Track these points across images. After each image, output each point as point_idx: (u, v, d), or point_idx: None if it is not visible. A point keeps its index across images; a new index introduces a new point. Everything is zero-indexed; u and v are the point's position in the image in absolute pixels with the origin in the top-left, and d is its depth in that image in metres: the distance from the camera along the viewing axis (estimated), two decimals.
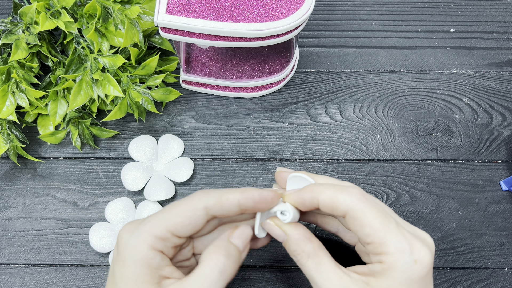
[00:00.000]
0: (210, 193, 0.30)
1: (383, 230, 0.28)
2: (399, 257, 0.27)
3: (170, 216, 0.29)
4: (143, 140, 0.45)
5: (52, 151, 0.46)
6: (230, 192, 0.30)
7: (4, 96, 0.41)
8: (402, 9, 0.52)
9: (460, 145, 0.46)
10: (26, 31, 0.41)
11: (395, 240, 0.28)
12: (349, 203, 0.29)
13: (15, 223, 0.43)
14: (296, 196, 0.31)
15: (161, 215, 0.29)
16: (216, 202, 0.29)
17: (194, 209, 0.29)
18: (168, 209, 0.30)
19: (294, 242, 0.30)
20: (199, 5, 0.36)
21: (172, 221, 0.29)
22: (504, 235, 0.43)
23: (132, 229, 0.29)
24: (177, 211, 0.29)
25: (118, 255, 0.29)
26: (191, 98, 0.48)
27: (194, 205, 0.29)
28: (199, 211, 0.29)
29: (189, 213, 0.29)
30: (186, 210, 0.29)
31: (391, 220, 0.29)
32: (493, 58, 0.50)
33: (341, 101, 0.48)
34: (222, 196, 0.29)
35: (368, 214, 0.28)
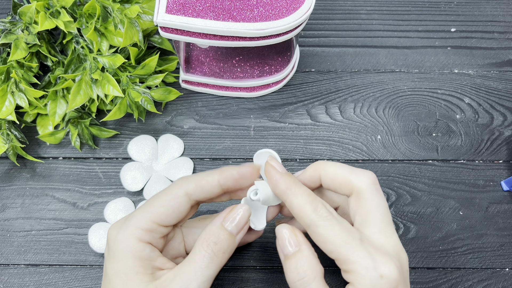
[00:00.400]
0: (190, 178, 0.30)
1: (345, 247, 0.27)
2: (364, 274, 0.27)
3: (153, 207, 0.30)
4: (142, 140, 0.45)
5: (51, 151, 0.46)
6: (209, 174, 0.30)
7: (4, 96, 0.41)
8: (403, 8, 0.52)
9: (461, 145, 0.46)
10: (26, 30, 0.41)
11: (358, 256, 0.27)
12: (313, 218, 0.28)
13: (14, 223, 0.43)
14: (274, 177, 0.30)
15: (145, 208, 0.30)
16: (196, 187, 0.30)
17: (175, 197, 0.30)
18: (151, 201, 0.30)
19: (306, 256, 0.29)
20: (199, 5, 0.36)
21: (156, 212, 0.29)
22: (505, 235, 0.43)
23: (119, 225, 0.30)
24: (159, 202, 0.30)
25: (109, 252, 0.30)
26: (191, 98, 0.48)
27: (175, 193, 0.30)
28: (180, 198, 0.30)
29: (171, 201, 0.30)
30: (168, 199, 0.30)
31: (355, 236, 0.28)
32: (494, 58, 0.50)
33: (341, 101, 0.48)
34: (201, 179, 0.30)
35: (331, 232, 0.28)
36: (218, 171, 0.31)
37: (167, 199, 0.30)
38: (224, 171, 0.31)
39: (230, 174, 0.30)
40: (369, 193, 0.30)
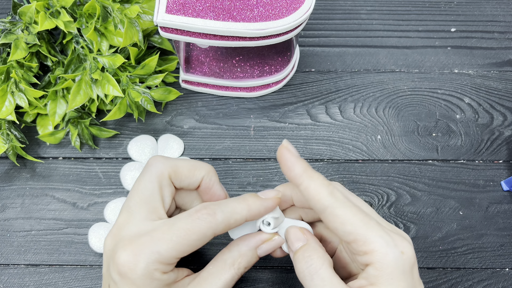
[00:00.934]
0: (217, 214, 0.29)
1: (364, 227, 0.27)
2: (387, 251, 0.27)
3: (180, 245, 0.28)
4: (142, 140, 0.45)
5: (51, 151, 0.46)
6: (237, 209, 0.29)
7: (3, 96, 0.41)
8: (403, 8, 0.52)
9: (461, 145, 0.46)
10: (26, 30, 0.41)
11: (378, 235, 0.27)
12: (330, 200, 0.28)
13: (14, 223, 0.43)
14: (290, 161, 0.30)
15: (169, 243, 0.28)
16: (224, 227, 0.29)
17: (204, 236, 0.28)
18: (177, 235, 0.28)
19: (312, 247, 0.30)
20: (199, 5, 0.36)
21: (183, 250, 0.28)
22: (505, 235, 0.43)
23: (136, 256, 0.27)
24: (187, 241, 0.28)
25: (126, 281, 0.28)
26: (191, 98, 0.48)
27: (204, 234, 0.28)
28: (208, 238, 0.29)
29: (199, 241, 0.28)
30: (196, 239, 0.28)
31: (372, 217, 0.28)
32: (494, 58, 0.50)
33: (341, 101, 0.48)
34: (230, 217, 0.29)
35: (349, 213, 0.28)
36: (246, 206, 0.30)
37: (195, 238, 0.28)
38: (252, 205, 0.30)
39: (257, 210, 0.30)
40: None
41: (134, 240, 0.28)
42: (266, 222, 0.31)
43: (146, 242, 0.28)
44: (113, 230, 0.30)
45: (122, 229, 0.29)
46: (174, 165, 0.31)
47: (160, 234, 0.28)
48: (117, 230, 0.30)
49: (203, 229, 0.28)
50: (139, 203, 0.30)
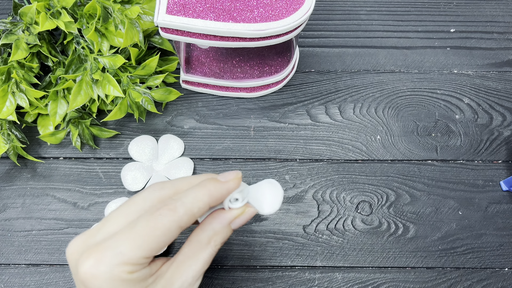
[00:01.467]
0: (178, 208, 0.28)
1: None
2: None
3: (145, 243, 0.27)
4: (143, 140, 0.45)
5: (52, 151, 0.46)
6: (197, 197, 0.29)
7: (4, 96, 0.41)
8: (402, 9, 0.52)
9: (460, 145, 0.46)
10: (26, 31, 0.41)
11: None
12: None
13: (15, 223, 0.43)
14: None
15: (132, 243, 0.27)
16: (188, 218, 0.28)
17: (168, 232, 0.28)
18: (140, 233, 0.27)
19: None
20: (199, 5, 0.36)
21: (148, 248, 0.27)
22: (504, 235, 0.43)
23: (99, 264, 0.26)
24: (152, 237, 0.27)
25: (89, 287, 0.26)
26: (191, 98, 0.48)
27: (168, 228, 0.27)
28: (173, 232, 0.28)
29: (164, 237, 0.27)
30: (160, 234, 0.27)
31: None
32: (493, 58, 0.50)
33: (341, 101, 0.48)
34: (192, 207, 0.28)
35: None
36: (207, 191, 0.29)
37: (159, 234, 0.27)
38: (212, 190, 0.29)
39: (219, 194, 0.30)
40: None
41: (97, 246, 0.27)
42: (233, 199, 0.31)
43: (107, 246, 0.27)
44: (82, 236, 0.29)
45: (90, 237, 0.28)
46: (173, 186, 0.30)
47: (122, 235, 0.27)
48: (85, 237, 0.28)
49: (166, 225, 0.27)
50: (120, 214, 0.29)
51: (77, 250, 0.28)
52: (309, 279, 0.42)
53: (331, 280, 0.42)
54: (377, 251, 0.43)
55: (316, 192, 0.44)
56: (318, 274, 0.42)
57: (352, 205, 0.44)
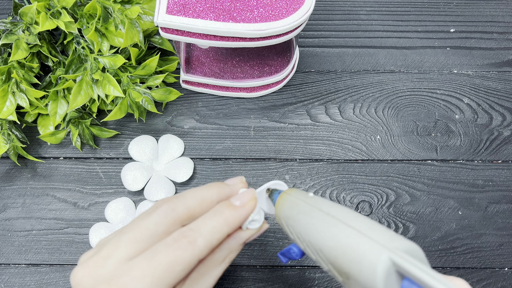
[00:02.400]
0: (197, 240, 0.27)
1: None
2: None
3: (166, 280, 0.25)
4: (143, 140, 0.45)
5: (52, 151, 0.46)
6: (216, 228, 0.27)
7: (4, 96, 0.41)
8: (402, 9, 0.52)
9: (460, 145, 0.46)
10: (26, 31, 0.41)
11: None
12: None
13: (15, 223, 0.43)
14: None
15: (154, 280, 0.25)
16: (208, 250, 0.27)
17: (189, 266, 0.26)
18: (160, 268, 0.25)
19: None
20: (199, 5, 0.36)
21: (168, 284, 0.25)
22: (504, 235, 0.43)
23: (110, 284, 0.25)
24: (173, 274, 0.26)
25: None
26: (191, 98, 0.48)
27: (189, 263, 0.26)
28: (193, 265, 0.27)
29: (185, 271, 0.26)
30: (181, 270, 0.26)
31: None
32: (493, 58, 0.50)
33: (341, 101, 0.48)
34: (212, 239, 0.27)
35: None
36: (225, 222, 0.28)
37: (180, 270, 0.26)
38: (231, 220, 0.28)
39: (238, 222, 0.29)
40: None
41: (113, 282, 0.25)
42: (252, 222, 0.31)
43: (126, 283, 0.25)
44: (90, 263, 0.26)
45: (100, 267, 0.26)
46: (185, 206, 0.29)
47: (140, 270, 0.25)
48: (94, 265, 0.26)
49: (187, 259, 0.26)
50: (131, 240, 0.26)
51: (87, 282, 0.26)
52: (309, 279, 0.42)
53: (331, 280, 0.42)
54: None
55: (316, 192, 0.44)
56: (318, 274, 0.42)
57: (352, 205, 0.44)
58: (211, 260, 0.29)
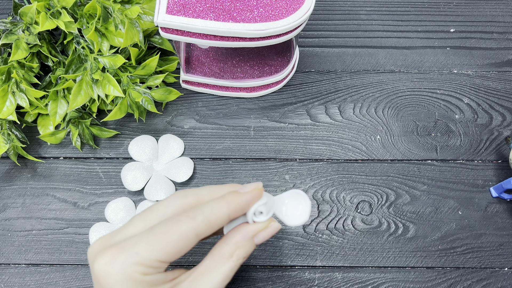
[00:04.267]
0: (198, 215, 0.28)
1: None
2: None
3: (160, 246, 0.27)
4: (143, 140, 0.45)
5: (52, 151, 0.46)
6: (217, 208, 0.29)
7: (4, 96, 0.41)
8: (402, 9, 0.52)
9: (460, 145, 0.46)
10: (26, 31, 0.41)
11: None
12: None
13: (15, 223, 0.43)
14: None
15: (149, 244, 0.27)
16: (206, 227, 0.28)
17: (185, 238, 0.28)
18: (156, 236, 0.27)
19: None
20: (199, 5, 0.36)
21: (164, 251, 0.27)
22: (504, 235, 0.43)
23: (114, 262, 0.27)
24: (167, 241, 0.27)
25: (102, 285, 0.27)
26: (191, 98, 0.48)
27: (185, 234, 0.28)
28: (190, 239, 0.28)
29: (181, 242, 0.28)
30: (177, 239, 0.27)
31: None
32: (493, 58, 0.50)
33: (341, 101, 0.48)
34: (210, 216, 0.28)
35: None
36: (225, 203, 0.29)
37: (175, 239, 0.27)
38: (231, 202, 0.29)
39: (238, 205, 0.29)
40: None
41: (114, 246, 0.28)
42: (258, 212, 0.30)
43: (124, 246, 0.27)
44: (104, 237, 0.29)
45: (111, 238, 0.29)
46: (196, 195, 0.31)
47: (139, 237, 0.28)
48: (107, 237, 0.29)
49: (183, 230, 0.28)
50: (141, 219, 0.29)
51: (96, 249, 0.28)
52: (309, 279, 0.42)
53: (331, 279, 0.42)
54: (377, 251, 0.43)
55: (316, 192, 0.44)
56: (318, 273, 0.42)
57: (352, 205, 0.44)
58: (217, 254, 0.30)
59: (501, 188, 0.43)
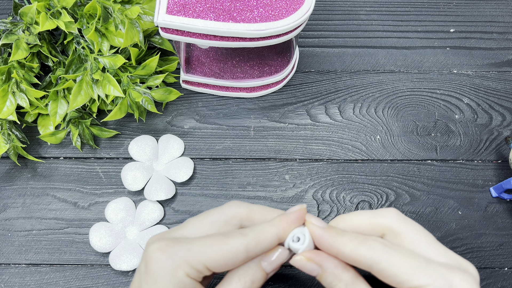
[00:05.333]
0: (249, 233, 0.29)
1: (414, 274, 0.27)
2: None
3: (211, 252, 0.28)
4: (143, 140, 0.45)
5: (52, 151, 0.46)
6: (266, 226, 0.30)
7: (5, 96, 0.41)
8: (402, 9, 0.52)
9: (459, 145, 0.46)
10: (27, 31, 0.41)
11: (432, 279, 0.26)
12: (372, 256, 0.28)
13: (15, 223, 0.43)
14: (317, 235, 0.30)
15: (201, 247, 0.29)
16: (256, 244, 0.29)
17: (235, 252, 0.29)
18: (210, 242, 0.29)
19: (330, 273, 0.29)
20: (199, 5, 0.36)
21: (212, 258, 0.28)
22: (503, 235, 0.43)
23: (168, 251, 0.29)
24: (219, 250, 0.29)
25: (150, 274, 0.29)
26: (191, 98, 0.48)
27: (236, 248, 0.29)
28: (240, 255, 0.29)
29: (230, 254, 0.29)
30: (228, 250, 0.29)
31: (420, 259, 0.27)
32: (493, 58, 0.50)
33: (341, 101, 0.48)
34: (260, 234, 0.29)
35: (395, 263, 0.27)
36: (273, 222, 0.30)
37: (226, 249, 0.29)
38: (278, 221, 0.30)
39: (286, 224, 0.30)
40: (402, 224, 0.29)
41: (170, 238, 0.30)
42: (296, 238, 0.30)
43: (180, 241, 0.29)
44: (163, 232, 0.31)
45: (169, 234, 0.31)
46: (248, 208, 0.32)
47: (195, 239, 0.29)
48: (165, 233, 0.31)
49: (234, 244, 0.29)
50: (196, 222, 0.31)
51: (156, 237, 0.30)
52: (309, 279, 0.42)
53: None
54: None
55: (316, 192, 0.44)
56: None
57: (352, 204, 0.44)
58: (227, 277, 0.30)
59: (501, 188, 0.43)
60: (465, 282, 0.26)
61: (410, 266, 0.27)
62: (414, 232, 0.29)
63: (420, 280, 0.26)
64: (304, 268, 0.30)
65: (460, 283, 0.26)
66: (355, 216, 0.31)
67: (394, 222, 0.29)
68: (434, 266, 0.27)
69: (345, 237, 0.29)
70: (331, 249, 0.29)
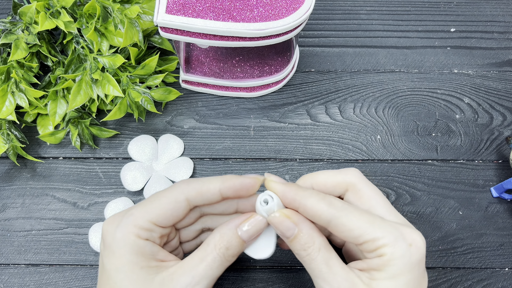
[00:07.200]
0: (191, 183, 0.31)
1: (371, 227, 0.29)
2: (395, 246, 0.28)
3: (152, 208, 0.30)
4: (142, 140, 0.45)
5: (51, 151, 0.46)
6: (210, 181, 0.30)
7: (4, 96, 0.41)
8: (402, 8, 0.52)
9: (460, 145, 0.46)
10: (26, 30, 0.41)
11: (386, 232, 0.29)
12: (331, 211, 0.29)
13: (14, 223, 0.43)
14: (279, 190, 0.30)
15: (143, 207, 0.30)
16: (196, 194, 0.30)
17: (175, 201, 0.30)
18: (150, 200, 0.30)
19: (306, 233, 0.30)
20: (199, 5, 0.36)
21: (155, 213, 0.30)
22: (504, 235, 0.43)
23: (116, 222, 0.30)
24: (158, 203, 0.30)
25: (107, 249, 0.30)
26: (191, 98, 0.48)
27: (175, 197, 0.30)
28: (180, 203, 0.30)
29: (170, 205, 0.30)
30: (167, 202, 0.30)
31: (376, 216, 0.30)
32: (494, 58, 0.50)
33: (341, 101, 0.48)
34: (202, 186, 0.30)
35: (353, 218, 0.29)
36: (220, 179, 0.30)
37: (166, 202, 0.30)
38: (226, 180, 0.30)
39: (232, 184, 0.30)
40: (363, 183, 0.32)
41: (118, 213, 0.31)
42: (264, 202, 0.30)
43: (126, 212, 0.30)
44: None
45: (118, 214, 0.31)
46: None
47: (137, 204, 0.31)
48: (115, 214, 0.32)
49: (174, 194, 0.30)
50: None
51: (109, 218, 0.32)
52: (309, 279, 0.42)
53: None
54: None
55: None
56: None
57: None
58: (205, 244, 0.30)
59: (501, 188, 0.43)
60: (416, 234, 0.29)
61: (366, 221, 0.29)
62: (373, 192, 0.32)
63: (376, 233, 0.28)
64: (281, 225, 0.30)
65: (411, 235, 0.29)
66: (320, 174, 0.32)
67: (357, 180, 0.32)
68: (388, 222, 0.29)
69: (307, 192, 0.30)
70: (293, 203, 0.30)
